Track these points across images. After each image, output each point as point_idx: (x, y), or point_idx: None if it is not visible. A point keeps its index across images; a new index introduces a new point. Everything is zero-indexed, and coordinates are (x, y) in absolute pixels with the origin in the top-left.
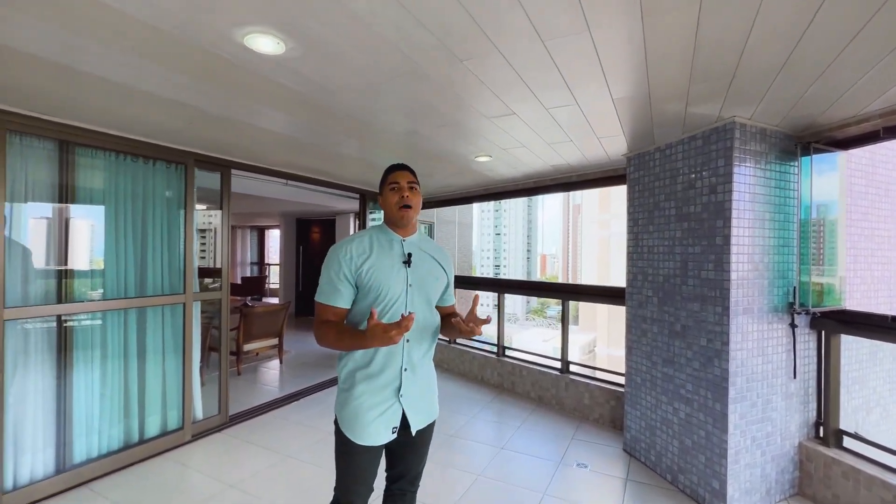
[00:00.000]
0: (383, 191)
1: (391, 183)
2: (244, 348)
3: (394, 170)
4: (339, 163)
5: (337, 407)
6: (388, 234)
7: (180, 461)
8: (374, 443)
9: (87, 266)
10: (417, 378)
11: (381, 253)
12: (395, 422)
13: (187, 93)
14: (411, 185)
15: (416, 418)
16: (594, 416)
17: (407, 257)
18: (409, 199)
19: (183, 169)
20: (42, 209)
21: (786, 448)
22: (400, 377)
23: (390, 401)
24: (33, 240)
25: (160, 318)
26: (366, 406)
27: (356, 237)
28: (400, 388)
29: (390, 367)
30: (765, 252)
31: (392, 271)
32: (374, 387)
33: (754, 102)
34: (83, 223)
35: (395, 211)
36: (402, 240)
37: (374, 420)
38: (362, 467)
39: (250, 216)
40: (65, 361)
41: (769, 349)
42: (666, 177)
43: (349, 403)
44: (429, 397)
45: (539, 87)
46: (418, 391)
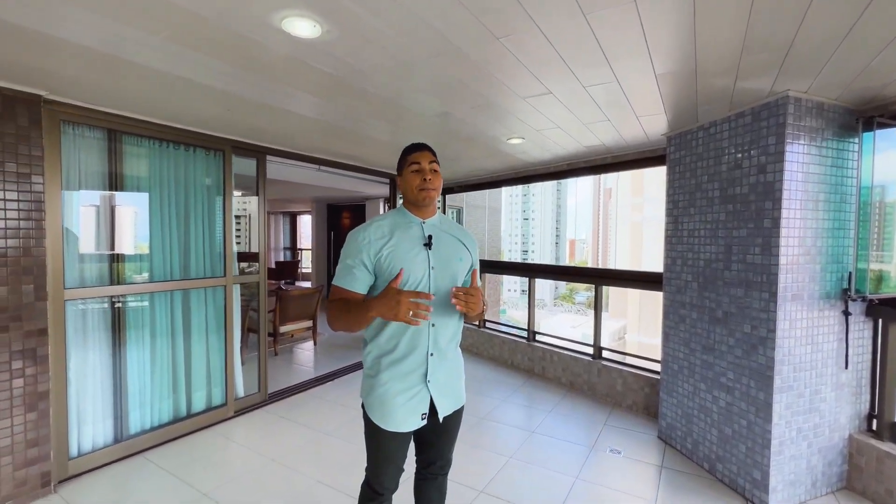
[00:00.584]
0: (403, 172)
1: (412, 163)
2: (280, 330)
3: (414, 150)
4: (370, 147)
5: (363, 392)
6: (407, 217)
7: (224, 435)
8: (401, 429)
9: (135, 251)
10: (444, 363)
11: (400, 236)
12: (424, 408)
13: (225, 79)
14: (433, 166)
15: (444, 404)
16: (627, 402)
17: (427, 239)
18: (431, 182)
19: (221, 155)
20: (93, 196)
21: (834, 440)
22: (426, 362)
23: (417, 386)
24: (86, 226)
25: (203, 300)
26: (392, 392)
27: (375, 221)
28: (427, 374)
29: (416, 352)
30: (817, 235)
31: (412, 254)
32: (400, 372)
33: (812, 75)
34: (130, 209)
35: (416, 193)
36: (422, 222)
37: (402, 406)
38: (391, 451)
39: (283, 202)
40: (118, 340)
41: (819, 337)
42: (710, 157)
43: (375, 389)
44: (456, 383)
45: (578, 64)
46: (445, 376)
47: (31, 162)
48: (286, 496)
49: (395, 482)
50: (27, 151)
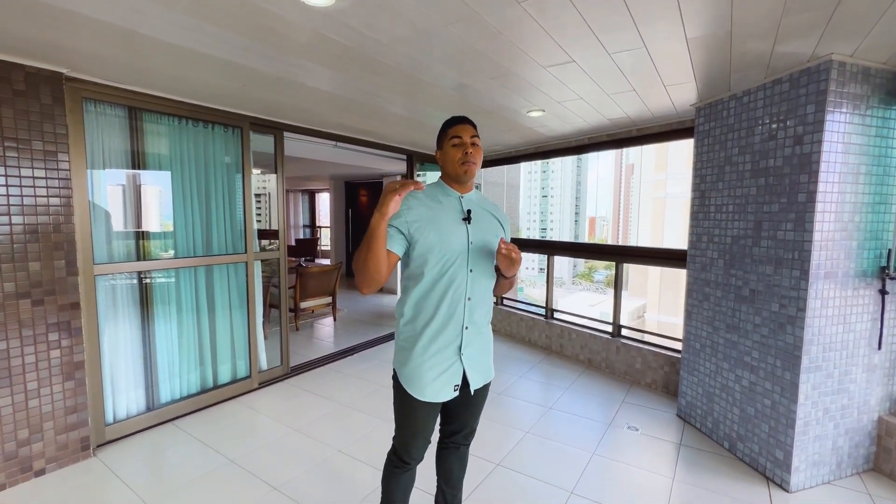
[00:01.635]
0: (443, 145)
1: (453, 137)
2: (301, 306)
3: (455, 122)
4: (387, 122)
5: (396, 363)
6: (446, 191)
7: (250, 405)
8: (435, 399)
9: (160, 228)
10: (478, 338)
11: (439, 209)
12: (457, 379)
13: (241, 53)
14: (474, 140)
15: (475, 377)
16: (646, 380)
17: (466, 214)
18: (472, 156)
19: (239, 132)
20: (117, 175)
21: (863, 422)
22: (461, 335)
23: (452, 359)
24: (112, 204)
25: (226, 276)
26: (428, 363)
27: (413, 196)
28: (461, 347)
29: (452, 324)
30: (856, 210)
31: (451, 228)
32: (437, 345)
33: (860, 36)
34: (153, 187)
35: (457, 167)
36: (461, 196)
37: (437, 378)
38: (421, 421)
39: (301, 180)
40: (147, 314)
41: (852, 317)
42: (742, 128)
43: (410, 360)
44: (487, 358)
45: (603, 28)
46: (477, 351)
47: (57, 140)
48: (309, 464)
49: (422, 453)
50: (52, 129)
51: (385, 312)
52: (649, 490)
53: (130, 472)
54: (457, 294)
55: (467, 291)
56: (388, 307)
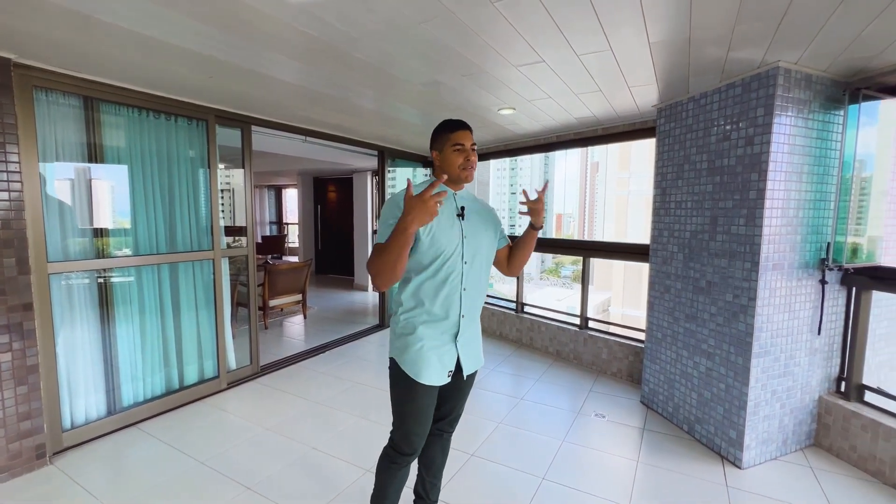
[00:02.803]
0: (444, 148)
1: (456, 144)
2: (270, 304)
3: (457, 128)
4: (358, 117)
5: (395, 351)
6: (441, 187)
7: (218, 406)
8: (435, 383)
9: (119, 224)
10: (472, 326)
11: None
12: (451, 365)
13: (206, 42)
14: (473, 147)
15: (468, 363)
16: (612, 370)
17: (460, 210)
18: (473, 162)
19: (204, 125)
20: (72, 168)
21: (805, 401)
22: (458, 323)
23: (448, 344)
24: (68, 199)
25: (191, 274)
26: (427, 347)
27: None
28: (457, 334)
29: (450, 313)
30: (800, 207)
31: (448, 224)
32: (436, 332)
33: (803, 45)
34: (111, 182)
35: (457, 172)
36: (455, 194)
37: (435, 362)
38: (424, 407)
39: (268, 175)
40: (107, 314)
41: (796, 305)
42: (699, 128)
43: (412, 346)
44: (478, 345)
45: (572, 30)
46: (471, 339)
47: (5, 130)
48: (283, 462)
49: (423, 442)
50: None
51: (356, 310)
52: (616, 473)
53: (91, 479)
54: (453, 285)
55: (463, 282)
56: (360, 304)
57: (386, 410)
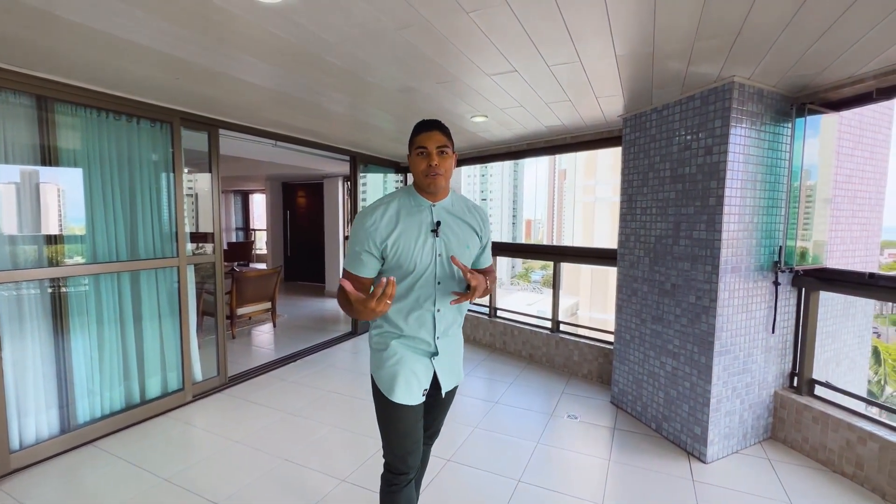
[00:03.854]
0: (410, 153)
1: (418, 147)
2: (237, 312)
3: (421, 130)
4: (330, 122)
5: (372, 367)
6: (416, 200)
7: (183, 420)
8: (408, 402)
9: (74, 230)
10: (449, 345)
11: (408, 222)
12: (427, 383)
13: (177, 44)
14: (441, 149)
15: (446, 381)
16: (583, 371)
17: (435, 225)
18: (437, 167)
19: (168, 128)
20: (22, 171)
21: (762, 397)
22: (433, 343)
23: (424, 363)
24: (11, 204)
25: (154, 283)
26: (401, 364)
27: (383, 203)
28: (433, 354)
29: (422, 335)
30: (754, 213)
31: (419, 242)
32: (408, 352)
33: (755, 62)
34: (66, 186)
35: (422, 178)
36: (432, 205)
37: (410, 379)
38: (410, 423)
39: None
40: (61, 326)
41: (753, 306)
42: (662, 138)
43: (386, 362)
44: (457, 361)
45: (544, 42)
46: (448, 356)
47: None
48: (253, 475)
49: (418, 458)
50: None
51: (328, 317)
52: (589, 472)
53: (43, 502)
54: (426, 307)
55: (436, 304)
56: (331, 311)
57: (359, 418)
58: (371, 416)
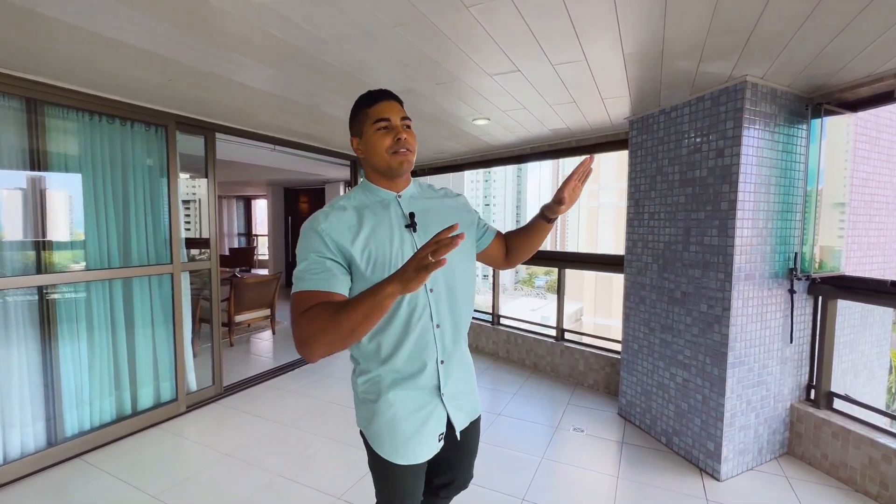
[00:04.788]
0: (365, 131)
1: (378, 121)
2: (236, 319)
3: (375, 100)
4: (330, 125)
5: (361, 421)
6: (376, 194)
7: (176, 432)
8: (418, 460)
9: (66, 236)
10: (456, 369)
11: (375, 223)
12: (441, 427)
13: (167, 44)
14: (406, 122)
15: (460, 417)
16: (589, 382)
17: (410, 219)
18: (406, 142)
19: (163, 132)
20: (12, 176)
21: (778, 410)
22: (437, 372)
23: (431, 403)
24: (6, 209)
25: (147, 290)
26: (401, 416)
27: (334, 206)
28: (440, 386)
29: (422, 363)
30: (768, 217)
31: (395, 243)
32: (408, 391)
33: (769, 60)
34: (58, 191)
35: (386, 158)
36: (397, 196)
37: (416, 432)
38: (407, 487)
39: (236, 185)
40: (50, 334)
41: (768, 315)
42: (670, 140)
43: (379, 416)
44: (471, 390)
45: (548, 40)
46: (459, 385)
47: None
48: (245, 492)
49: None
50: None
51: None
52: (596, 490)
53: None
54: (421, 324)
55: (434, 318)
56: None
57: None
58: None
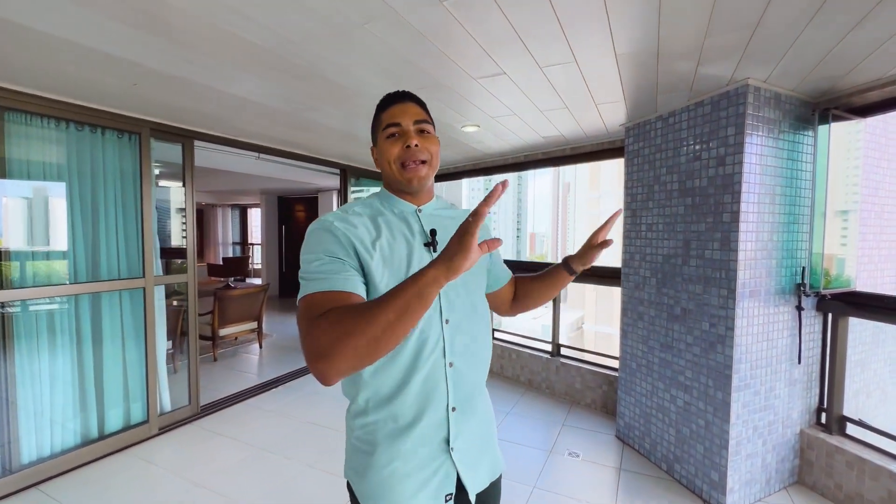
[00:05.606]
0: (378, 139)
1: (388, 126)
2: (220, 333)
3: (389, 102)
4: (316, 133)
5: (349, 472)
6: (395, 205)
7: (145, 457)
8: None
9: (28, 248)
10: (471, 418)
11: (391, 235)
12: (449, 487)
13: (125, 45)
14: (421, 125)
15: (475, 477)
16: (586, 400)
17: (430, 237)
18: (419, 151)
19: (137, 139)
20: None
21: (787, 436)
22: (447, 422)
23: (437, 460)
24: None
25: (118, 305)
26: (399, 475)
27: (347, 212)
28: (449, 439)
29: (430, 409)
30: (773, 230)
31: (413, 261)
32: (410, 442)
33: (773, 61)
34: (17, 200)
35: (395, 171)
36: (417, 209)
37: (415, 494)
38: None
39: (230, 194)
40: (5, 353)
41: (774, 333)
42: (668, 148)
43: (373, 472)
44: (489, 444)
45: (532, 37)
46: (474, 437)
47: None
48: None
49: None
50: None
51: None
52: None
53: None
54: (432, 361)
55: (447, 354)
56: None
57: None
58: None
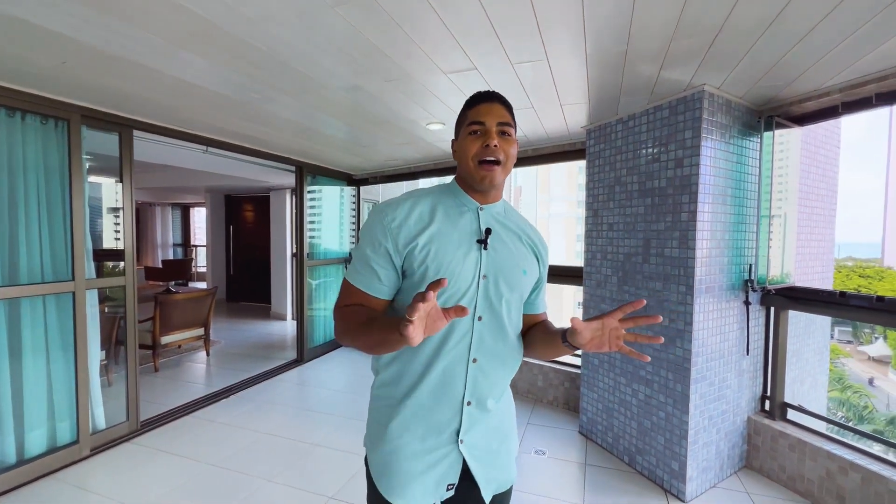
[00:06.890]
0: (460, 133)
1: (472, 123)
2: (161, 341)
3: (476, 101)
4: (272, 126)
5: (367, 440)
6: (459, 198)
7: (74, 482)
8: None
9: None
10: (488, 419)
11: (446, 223)
12: (451, 478)
13: (48, 14)
14: (503, 127)
15: (485, 476)
16: (548, 398)
17: (483, 234)
18: (497, 150)
19: (65, 126)
20: None
21: (737, 424)
22: (460, 415)
23: (443, 448)
24: None
25: (41, 312)
26: (404, 453)
27: (412, 197)
28: (459, 432)
29: (447, 397)
30: (725, 229)
31: (459, 253)
32: (423, 425)
33: (728, 69)
34: None
35: (471, 166)
36: (480, 207)
37: (419, 475)
38: None
39: (171, 192)
40: None
41: (726, 327)
42: (629, 150)
43: (382, 444)
44: (503, 448)
45: (507, 31)
46: (487, 439)
47: None
48: None
49: None
50: None
51: (272, 342)
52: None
53: None
54: (456, 352)
55: (472, 350)
56: (277, 336)
57: (301, 468)
58: (317, 468)
